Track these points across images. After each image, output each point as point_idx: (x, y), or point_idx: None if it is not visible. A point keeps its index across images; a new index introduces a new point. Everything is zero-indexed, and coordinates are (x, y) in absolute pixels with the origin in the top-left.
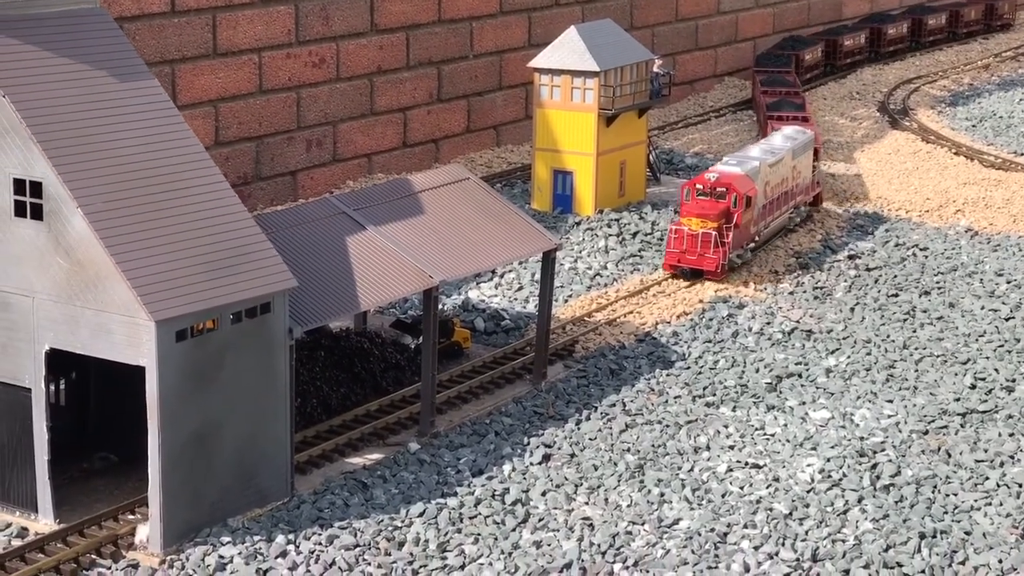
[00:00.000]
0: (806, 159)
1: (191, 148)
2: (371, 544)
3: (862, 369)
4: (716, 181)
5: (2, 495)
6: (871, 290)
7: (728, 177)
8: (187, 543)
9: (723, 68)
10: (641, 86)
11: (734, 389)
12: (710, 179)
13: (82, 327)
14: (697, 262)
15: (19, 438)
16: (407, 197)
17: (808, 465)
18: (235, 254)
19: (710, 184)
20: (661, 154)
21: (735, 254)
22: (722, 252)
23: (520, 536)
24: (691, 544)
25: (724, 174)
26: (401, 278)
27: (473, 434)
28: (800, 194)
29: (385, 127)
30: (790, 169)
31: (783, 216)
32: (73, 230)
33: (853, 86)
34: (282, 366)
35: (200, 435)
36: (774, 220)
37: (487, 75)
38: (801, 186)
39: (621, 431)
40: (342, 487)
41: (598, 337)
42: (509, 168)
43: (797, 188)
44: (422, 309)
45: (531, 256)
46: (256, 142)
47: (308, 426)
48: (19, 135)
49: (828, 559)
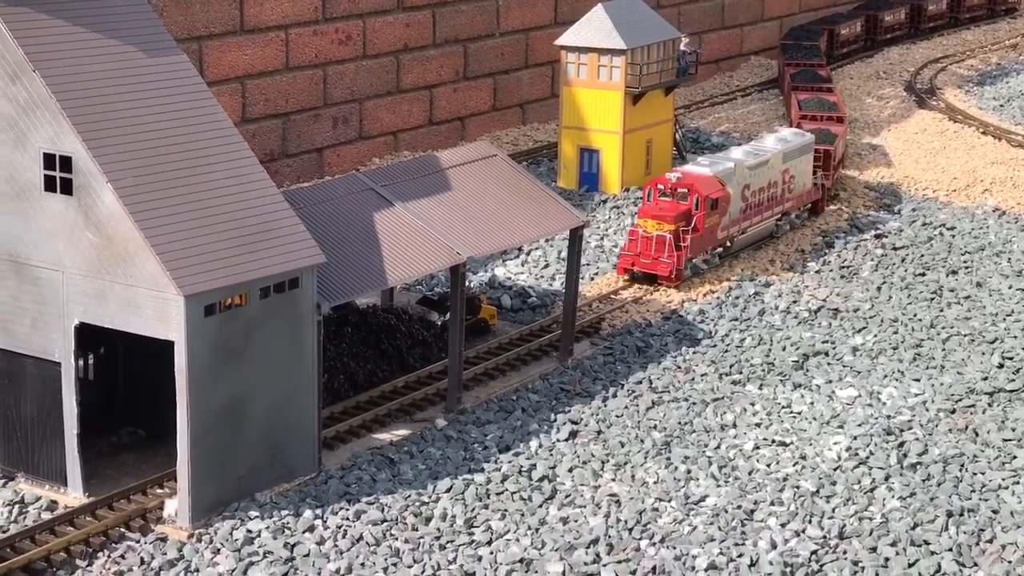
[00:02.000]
0: (803, 163)
1: (220, 123)
2: (398, 519)
3: (889, 348)
4: (678, 182)
5: (32, 469)
6: (898, 269)
7: (691, 178)
8: (215, 517)
9: (749, 47)
10: (668, 64)
11: (760, 367)
12: (671, 179)
13: (111, 301)
14: (651, 266)
15: (49, 412)
16: (435, 174)
17: (835, 443)
18: (263, 229)
19: (671, 184)
20: (687, 133)
21: (699, 259)
22: (678, 257)
23: (547, 512)
24: (718, 521)
25: (687, 174)
26: (428, 254)
27: (500, 411)
28: (792, 200)
29: (411, 104)
30: (779, 173)
31: (767, 222)
32: (103, 205)
33: (880, 65)
34: (310, 341)
35: (228, 410)
36: (754, 226)
37: (513, 53)
38: (794, 191)
39: (648, 408)
40: (369, 463)
41: (624, 315)
42: (535, 146)
43: (788, 193)
44: (449, 286)
45: (558, 233)
46: (282, 119)
47: (335, 402)
48: (49, 110)
49: (855, 536)
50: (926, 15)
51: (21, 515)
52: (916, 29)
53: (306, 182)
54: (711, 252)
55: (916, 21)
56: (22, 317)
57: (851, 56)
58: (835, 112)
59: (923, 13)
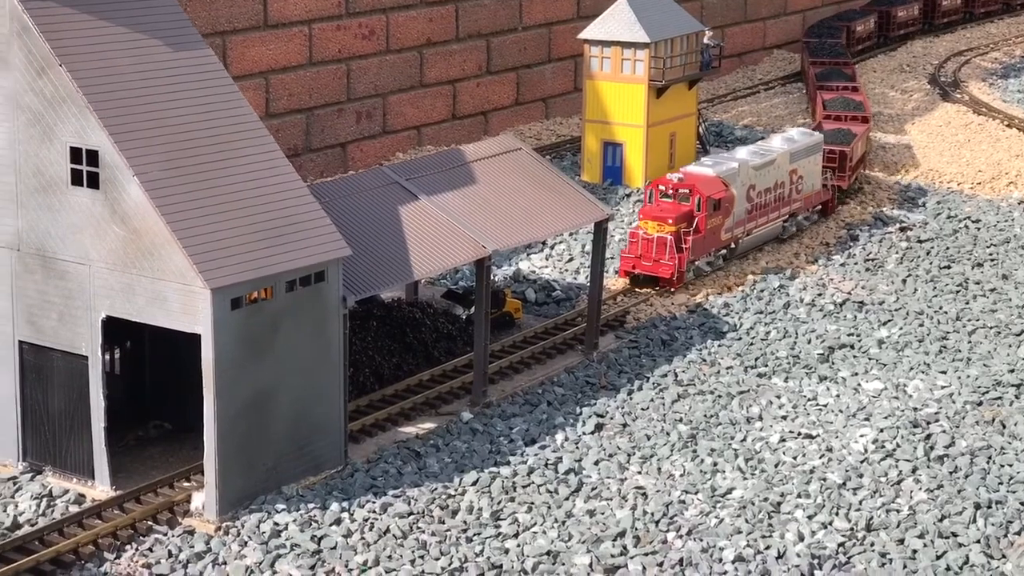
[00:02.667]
0: (811, 163)
1: (246, 117)
2: (425, 512)
3: (915, 340)
4: (679, 182)
5: (59, 462)
6: (923, 262)
7: (693, 178)
8: (242, 510)
9: (772, 40)
10: (691, 57)
11: (786, 360)
12: (672, 179)
13: (138, 295)
14: (652, 268)
15: (76, 406)
16: (459, 167)
17: (861, 435)
18: (289, 223)
19: (672, 185)
20: (711, 126)
21: (702, 261)
22: (680, 259)
23: (573, 505)
24: (745, 513)
25: (689, 175)
26: (454, 248)
27: (525, 404)
28: (800, 201)
29: (434, 99)
30: (786, 173)
31: (774, 224)
32: (129, 198)
33: (904, 58)
34: (336, 335)
35: (255, 403)
36: (760, 227)
37: (536, 47)
38: (803, 192)
39: (673, 401)
40: (395, 456)
41: (649, 308)
42: (558, 140)
43: (796, 194)
44: (474, 279)
45: (583, 226)
46: (306, 114)
47: (361, 395)
48: (75, 104)
49: (883, 528)
50: (940, 10)
51: (49, 508)
52: (930, 25)
53: (330, 177)
54: (714, 254)
55: (930, 17)
56: (49, 311)
57: (865, 53)
58: (860, 112)
59: (937, 9)
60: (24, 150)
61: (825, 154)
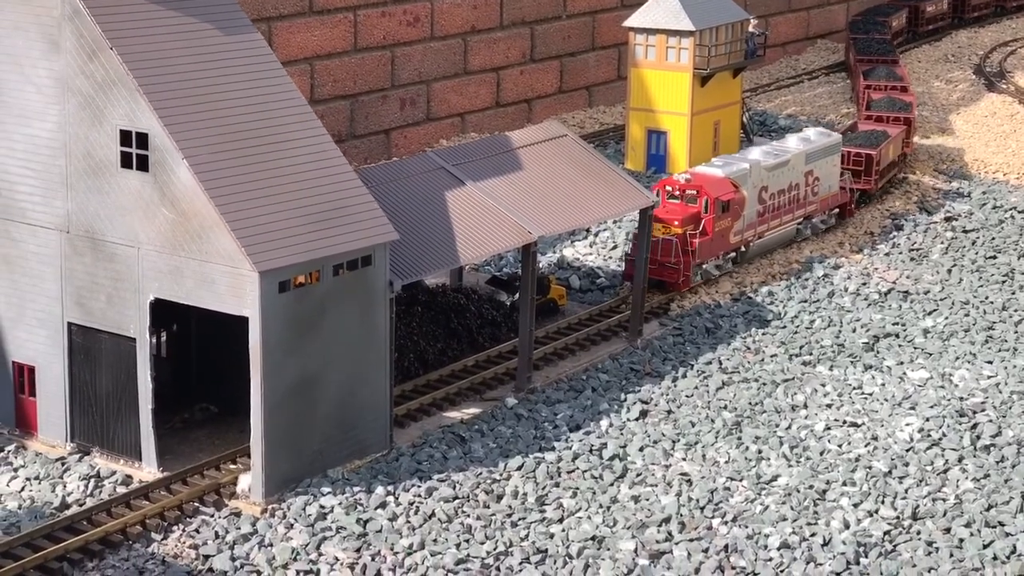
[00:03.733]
0: (828, 164)
1: (294, 101)
2: (470, 496)
3: (960, 330)
4: (686, 183)
5: (107, 443)
6: (968, 252)
7: (701, 179)
8: (288, 493)
9: (815, 30)
10: (736, 46)
11: (831, 348)
12: (680, 180)
13: (186, 277)
14: (657, 272)
15: (124, 388)
16: (505, 153)
17: (907, 424)
18: (337, 207)
19: (679, 186)
20: (754, 115)
21: (710, 264)
22: (686, 262)
23: (618, 490)
24: (790, 500)
25: (697, 175)
26: (500, 233)
27: (570, 390)
28: (815, 203)
29: (478, 86)
30: (801, 174)
31: (787, 227)
32: (178, 181)
33: (948, 48)
34: (382, 319)
35: (301, 386)
36: (772, 230)
37: (580, 35)
38: (819, 194)
39: (718, 388)
40: (440, 440)
41: (693, 296)
42: (601, 129)
43: (812, 196)
44: (520, 265)
45: (628, 213)
46: (350, 100)
47: (405, 380)
48: (126, 87)
49: (929, 517)
50: (970, 4)
51: (97, 489)
52: (960, 19)
53: (374, 164)
54: (723, 257)
55: (960, 11)
56: (98, 293)
57: (936, 32)
58: (904, 113)
59: (967, 3)
60: (75, 133)
61: (851, 156)
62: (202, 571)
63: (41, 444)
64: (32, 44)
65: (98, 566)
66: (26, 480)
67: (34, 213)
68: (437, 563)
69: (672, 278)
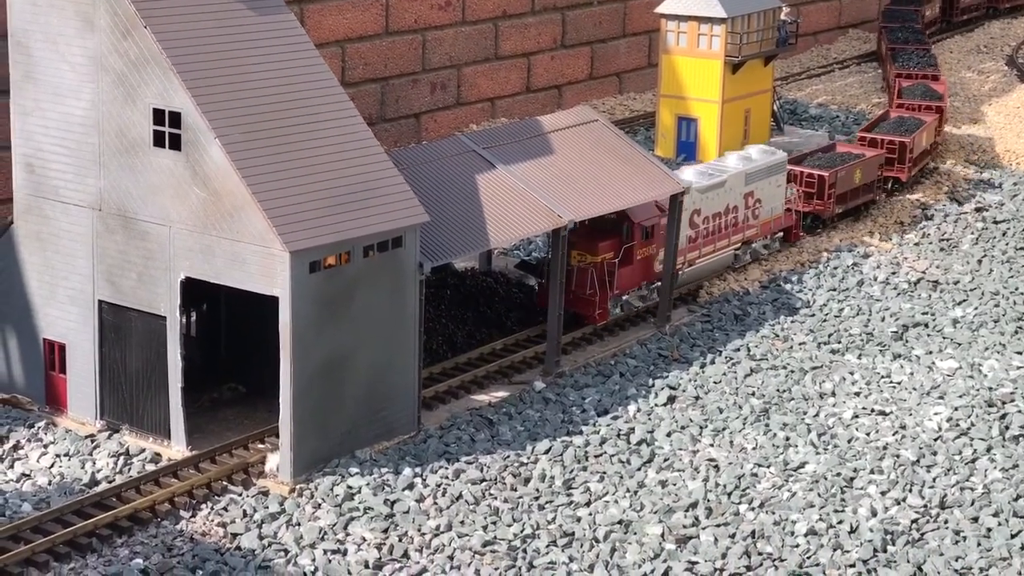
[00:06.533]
0: (771, 185)
1: (327, 82)
2: (497, 479)
3: (990, 321)
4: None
5: (136, 421)
6: (999, 243)
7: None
8: (316, 473)
9: (847, 20)
10: (768, 34)
11: (859, 337)
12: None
13: (217, 256)
14: (572, 303)
15: (153, 366)
16: (536, 137)
17: (935, 413)
18: (368, 188)
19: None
20: (785, 104)
21: (632, 295)
22: (603, 295)
23: (645, 475)
24: (817, 487)
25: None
26: (530, 217)
27: (598, 375)
28: (755, 227)
29: (509, 72)
30: (740, 196)
31: (723, 253)
32: (210, 160)
33: (980, 39)
34: (412, 301)
35: (330, 367)
36: (705, 257)
37: (611, 22)
38: (760, 218)
39: (746, 375)
40: (468, 423)
41: (722, 283)
42: (631, 116)
43: (752, 219)
44: (549, 249)
45: (658, 199)
46: (381, 83)
47: (434, 363)
48: (159, 65)
49: (956, 506)
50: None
51: (126, 466)
52: (994, 10)
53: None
54: (647, 287)
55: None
56: (129, 271)
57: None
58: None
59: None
60: (108, 111)
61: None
62: (230, 549)
63: (71, 421)
64: (67, 22)
65: (127, 542)
66: (56, 456)
67: (67, 191)
68: (464, 544)
69: (587, 311)
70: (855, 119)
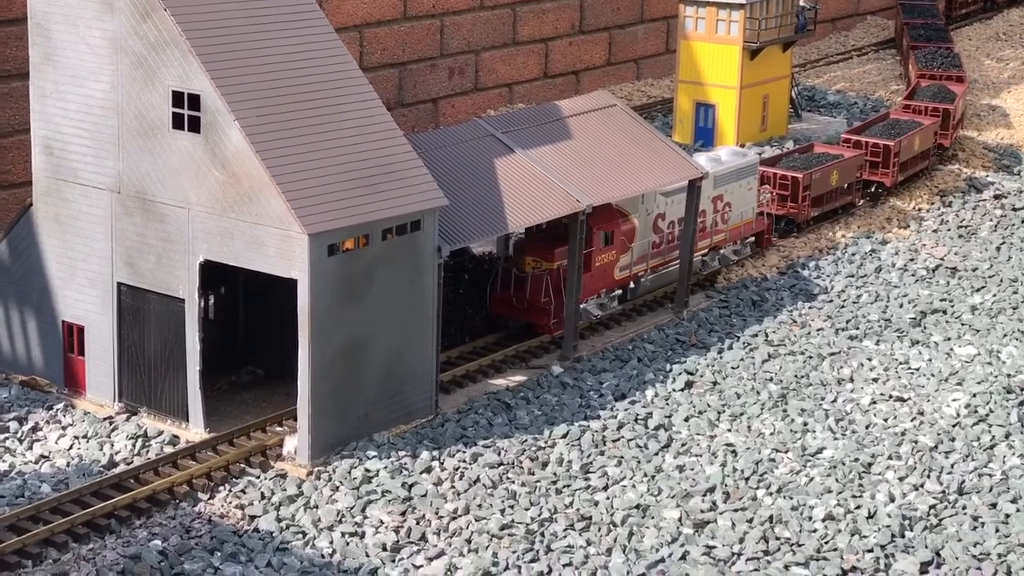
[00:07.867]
0: (741, 188)
1: (346, 65)
2: (515, 463)
3: (1008, 307)
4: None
5: (154, 403)
6: (1017, 230)
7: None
8: (334, 456)
9: (866, 7)
10: (786, 20)
11: (877, 323)
12: None
13: (236, 239)
14: (526, 313)
15: (172, 349)
16: (554, 122)
17: (954, 400)
18: (387, 171)
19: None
20: (803, 91)
21: (590, 304)
22: (559, 302)
23: (663, 460)
24: (835, 473)
25: None
26: (548, 201)
27: (616, 360)
28: (724, 232)
29: (527, 57)
30: (708, 200)
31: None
32: (230, 143)
33: (1000, 27)
34: (430, 284)
35: (349, 349)
36: (668, 264)
37: (629, 8)
38: (729, 222)
39: (763, 361)
40: (486, 407)
41: (740, 268)
42: (649, 102)
43: (721, 224)
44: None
45: (676, 184)
46: (399, 68)
47: (451, 347)
48: (179, 48)
49: (975, 492)
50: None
51: (144, 448)
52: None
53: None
54: (606, 295)
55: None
56: (147, 253)
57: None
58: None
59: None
60: (127, 93)
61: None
62: (248, 531)
63: (89, 403)
64: (86, 4)
65: (145, 523)
66: (74, 438)
67: (86, 173)
68: (482, 528)
69: (541, 320)
70: (873, 106)
